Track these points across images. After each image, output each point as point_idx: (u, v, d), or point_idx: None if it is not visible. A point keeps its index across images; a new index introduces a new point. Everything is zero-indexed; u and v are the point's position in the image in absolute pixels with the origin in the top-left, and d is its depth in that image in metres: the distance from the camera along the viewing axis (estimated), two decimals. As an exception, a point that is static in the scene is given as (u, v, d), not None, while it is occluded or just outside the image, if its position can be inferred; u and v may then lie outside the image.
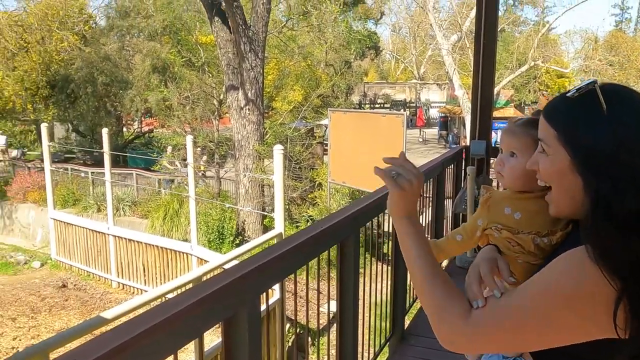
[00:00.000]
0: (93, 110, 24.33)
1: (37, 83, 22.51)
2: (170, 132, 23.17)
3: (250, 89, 11.94)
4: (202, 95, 17.00)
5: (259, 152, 12.27)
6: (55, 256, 11.63)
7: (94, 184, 17.71)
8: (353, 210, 2.95)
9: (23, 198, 18.29)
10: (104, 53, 23.82)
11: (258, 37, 11.82)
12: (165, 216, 14.89)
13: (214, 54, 19.46)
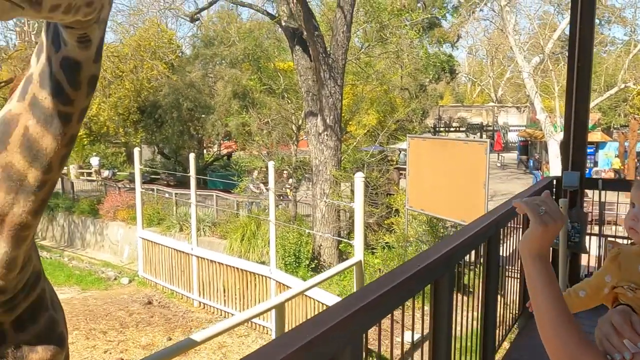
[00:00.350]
0: (177, 134, 25.69)
1: (129, 109, 24.16)
2: (248, 155, 24.01)
3: (329, 115, 12.14)
4: (280, 120, 17.49)
5: (336, 177, 12.39)
6: (142, 273, 12.28)
7: (177, 205, 18.62)
8: (448, 248, 2.90)
9: (113, 216, 19.53)
10: (189, 80, 25.20)
11: (337, 64, 12.04)
12: (243, 237, 15.32)
13: (292, 80, 20.04)
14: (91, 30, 1.60)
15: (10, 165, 1.69)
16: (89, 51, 1.65)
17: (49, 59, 1.65)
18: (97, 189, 23.62)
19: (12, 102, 1.73)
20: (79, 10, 1.42)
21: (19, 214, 1.73)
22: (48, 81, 1.65)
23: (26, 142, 1.68)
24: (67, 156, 1.81)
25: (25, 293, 1.98)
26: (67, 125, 1.70)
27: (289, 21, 12.67)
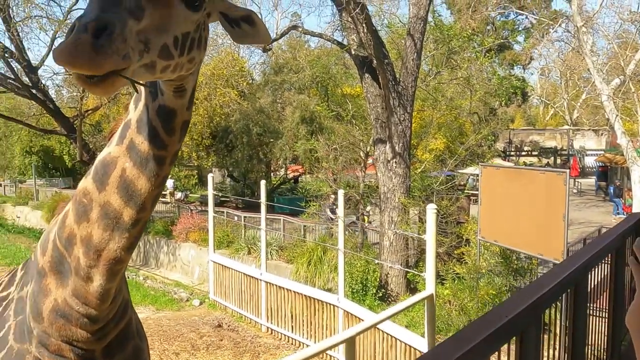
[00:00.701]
0: (247, 158, 26.43)
1: (202, 134, 25.18)
2: (315, 179, 24.24)
3: (398, 143, 12.08)
4: (348, 145, 17.59)
5: (404, 205, 12.25)
6: (212, 296, 12.60)
7: (246, 228, 19.03)
8: (535, 297, 2.76)
9: (185, 237, 20.24)
10: (258, 106, 26.00)
11: (407, 91, 12.01)
12: (310, 263, 15.38)
13: (360, 105, 20.16)
14: (187, 80, 1.71)
15: (108, 204, 1.81)
16: (183, 99, 1.77)
17: (147, 107, 1.77)
18: (170, 211, 24.63)
19: (112, 146, 1.86)
20: (183, 67, 1.54)
21: (114, 250, 1.85)
22: (145, 127, 1.77)
23: (123, 183, 1.80)
24: (159, 196, 1.92)
25: (115, 322, 2.10)
26: (160, 167, 1.80)
27: (358, 50, 12.81)
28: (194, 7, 1.46)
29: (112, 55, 1.20)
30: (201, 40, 1.58)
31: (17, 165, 38.86)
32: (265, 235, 11.15)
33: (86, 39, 1.16)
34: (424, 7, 11.87)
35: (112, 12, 1.24)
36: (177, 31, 1.44)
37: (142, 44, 1.32)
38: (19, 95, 21.75)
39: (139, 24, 1.30)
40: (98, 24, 1.19)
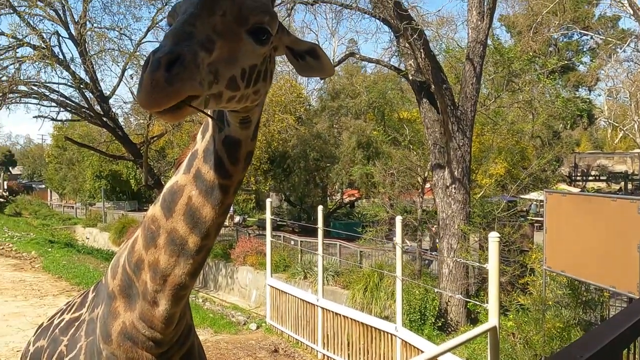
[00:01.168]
0: (304, 183, 26.70)
1: (260, 159, 25.71)
2: (371, 204, 24.08)
3: (457, 168, 11.83)
4: (405, 170, 17.41)
5: (464, 232, 11.91)
6: (269, 320, 12.63)
7: (302, 253, 19.10)
8: (612, 337, 2.58)
9: (243, 261, 20.55)
10: (315, 131, 26.30)
11: (466, 116, 11.80)
12: (366, 289, 15.19)
13: (417, 130, 19.97)
14: (253, 112, 1.75)
15: (175, 231, 1.86)
16: (248, 131, 1.80)
17: (213, 137, 1.82)
18: (229, 234, 25.13)
19: (179, 174, 1.91)
20: (248, 98, 1.58)
21: (179, 275, 1.88)
22: (211, 157, 1.81)
23: (189, 210, 1.84)
24: (222, 224, 1.95)
25: (178, 346, 2.13)
26: (225, 196, 1.84)
27: (416, 75, 12.76)
28: (261, 41, 1.51)
29: (186, 81, 1.26)
30: (267, 73, 1.62)
31: (88, 188, 41.08)
32: (322, 261, 11.12)
33: (159, 76, 1.23)
34: (483, 31, 11.70)
35: (184, 45, 1.30)
36: (245, 64, 1.49)
37: (212, 75, 1.38)
38: (91, 123, 23.11)
39: (210, 56, 1.36)
40: (170, 57, 1.25)
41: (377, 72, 28.58)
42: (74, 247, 23.03)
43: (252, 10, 1.48)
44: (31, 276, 14.20)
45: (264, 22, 1.50)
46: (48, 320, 2.72)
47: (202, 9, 1.40)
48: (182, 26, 1.36)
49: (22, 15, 19.06)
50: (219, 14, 1.43)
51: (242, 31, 1.47)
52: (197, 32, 1.36)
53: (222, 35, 1.41)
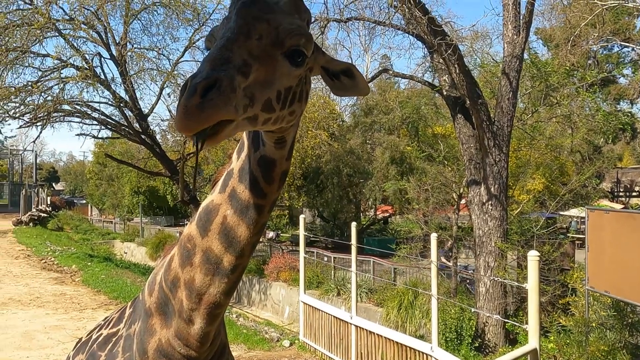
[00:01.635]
0: (337, 199, 26.66)
1: (293, 175, 25.86)
2: (405, 220, 23.85)
3: (494, 184, 11.60)
4: (439, 186, 17.19)
5: (501, 250, 11.62)
6: (302, 337, 12.55)
7: (335, 269, 19.00)
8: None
9: (276, 277, 20.60)
10: (349, 147, 26.32)
11: (503, 131, 11.59)
12: (400, 307, 14.96)
13: (451, 145, 19.73)
14: (288, 132, 1.75)
15: (210, 250, 1.86)
16: (283, 151, 1.80)
17: (249, 157, 1.83)
18: (262, 250, 25.27)
19: (215, 193, 1.93)
20: (283, 119, 1.58)
21: (214, 294, 1.89)
22: (246, 176, 1.82)
23: (224, 229, 1.85)
24: (257, 243, 1.95)
25: None
26: (259, 215, 1.84)
27: (450, 90, 12.64)
28: (296, 63, 1.52)
29: (220, 107, 1.28)
30: (302, 94, 1.62)
31: (126, 204, 42.12)
32: (355, 278, 11.02)
33: (192, 102, 1.26)
34: (519, 45, 11.52)
35: (221, 70, 1.32)
36: (281, 86, 1.50)
37: (248, 99, 1.39)
38: (130, 140, 23.78)
39: (246, 80, 1.38)
40: (208, 83, 1.28)
41: (410, 87, 28.51)
42: (113, 262, 23.57)
43: (289, 33, 1.49)
44: (71, 289, 14.58)
45: (300, 45, 1.51)
46: (87, 335, 2.78)
47: (239, 33, 1.42)
48: (219, 51, 1.38)
49: (66, 38, 19.88)
50: (256, 37, 1.44)
51: (278, 54, 1.49)
52: (233, 57, 1.37)
53: (258, 58, 1.42)
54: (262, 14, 1.48)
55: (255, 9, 1.48)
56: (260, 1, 1.51)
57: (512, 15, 11.47)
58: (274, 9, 1.52)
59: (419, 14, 10.63)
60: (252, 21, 1.46)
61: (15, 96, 19.95)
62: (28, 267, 17.58)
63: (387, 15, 12.91)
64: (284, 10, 1.54)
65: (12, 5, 19.07)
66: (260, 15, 1.47)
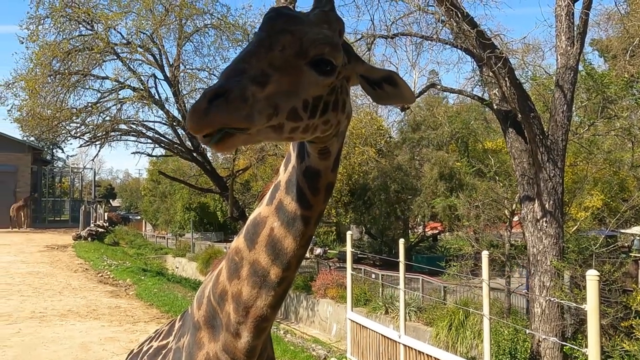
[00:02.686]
0: (384, 215, 26.42)
1: (340, 191, 25.87)
2: (455, 237, 23.30)
3: (548, 200, 11.16)
4: (491, 203, 16.73)
5: (557, 269, 11.13)
6: (350, 356, 12.40)
7: (383, 287, 18.76)
8: None
9: (324, 293, 20.53)
10: (396, 163, 26.12)
11: (557, 146, 11.17)
12: (450, 327, 14.57)
13: (503, 160, 19.20)
14: (331, 143, 1.74)
15: (257, 262, 1.87)
16: (328, 162, 1.79)
17: (294, 168, 1.83)
18: (310, 266, 25.30)
19: (262, 206, 1.93)
20: (316, 129, 1.57)
21: (261, 307, 1.88)
22: (292, 188, 1.82)
23: (271, 241, 1.85)
24: (303, 256, 1.93)
25: None
26: (306, 227, 1.83)
27: (501, 104, 12.34)
28: (324, 72, 1.52)
29: (223, 114, 1.30)
30: (337, 103, 1.61)
31: (178, 220, 43.29)
32: (404, 296, 10.83)
33: (201, 104, 1.30)
34: (573, 57, 11.14)
35: (234, 80, 1.35)
36: (308, 95, 1.50)
37: (272, 108, 1.40)
38: (182, 158, 24.52)
39: (263, 89, 1.39)
40: (217, 91, 1.31)
41: (459, 102, 28.08)
42: (165, 276, 24.20)
43: (312, 43, 1.50)
44: (125, 303, 15.04)
45: (324, 54, 1.51)
46: (138, 346, 2.84)
47: (260, 46, 1.45)
48: (235, 64, 1.41)
49: (124, 61, 20.87)
50: (278, 49, 1.46)
51: (302, 64, 1.49)
52: (249, 68, 1.40)
53: (279, 69, 1.44)
54: (286, 26, 1.50)
55: (280, 23, 1.51)
56: (285, 15, 1.54)
57: (565, 26, 11.13)
58: (302, 21, 1.54)
59: (467, 28, 10.49)
60: (275, 34, 1.48)
61: (77, 117, 21.05)
62: (86, 280, 18.30)
63: (434, 30, 12.82)
64: (312, 22, 1.56)
65: (75, 31, 20.20)
66: (285, 28, 1.50)
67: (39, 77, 19.32)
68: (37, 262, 21.62)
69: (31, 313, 12.95)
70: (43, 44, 19.42)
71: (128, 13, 20.22)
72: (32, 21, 19.30)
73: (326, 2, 1.68)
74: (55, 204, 52.03)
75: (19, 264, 20.65)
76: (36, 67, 19.52)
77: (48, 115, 20.17)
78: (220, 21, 21.53)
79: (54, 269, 20.23)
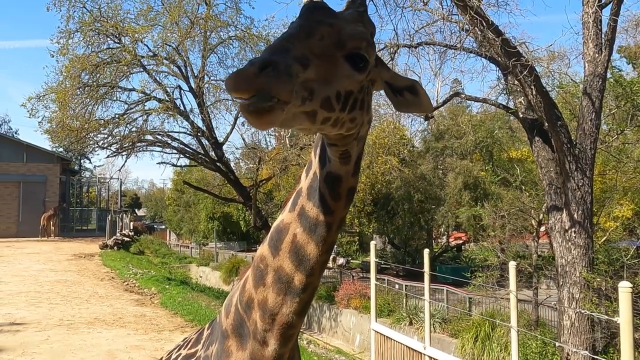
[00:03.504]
0: (408, 225, 26.21)
1: (363, 201, 25.77)
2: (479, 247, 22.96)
3: (577, 210, 10.93)
4: (517, 213, 16.45)
5: (587, 281, 10.86)
6: (374, 367, 12.31)
7: (407, 297, 18.56)
8: None
9: (347, 304, 20.40)
10: (420, 173, 25.91)
11: (585, 154, 10.95)
12: (476, 339, 14.31)
13: (529, 170, 18.91)
14: (351, 146, 1.75)
15: (281, 269, 1.88)
16: (348, 166, 1.81)
17: (315, 175, 1.85)
18: (333, 276, 25.20)
19: (285, 212, 1.95)
20: (343, 124, 1.59)
21: (287, 314, 1.88)
22: (314, 194, 1.84)
23: (294, 248, 1.86)
24: (326, 263, 1.94)
25: None
26: (328, 233, 1.84)
27: (526, 112, 12.18)
28: (358, 68, 1.56)
29: (273, 80, 1.31)
30: (364, 103, 1.64)
31: (202, 229, 43.67)
32: (428, 306, 10.70)
33: (251, 69, 1.30)
34: (601, 64, 10.94)
35: (280, 56, 1.38)
36: (340, 87, 1.53)
37: (307, 92, 1.42)
38: (206, 168, 24.79)
39: (304, 71, 1.41)
40: (265, 62, 1.32)
41: (483, 111, 27.79)
42: (189, 285, 24.40)
43: (350, 36, 1.54)
44: (150, 311, 15.20)
45: (361, 48, 1.56)
46: (166, 355, 2.86)
47: (301, 31, 1.49)
48: (280, 42, 1.44)
49: (150, 73, 21.27)
50: (317, 38, 1.50)
51: (339, 55, 1.53)
52: (293, 48, 1.42)
53: (318, 56, 1.47)
54: (324, 18, 1.55)
55: (318, 14, 1.55)
56: (323, 8, 1.59)
57: (592, 33, 10.95)
58: (338, 17, 1.59)
59: (492, 36, 10.40)
60: (315, 24, 1.52)
61: (104, 128, 21.49)
62: (112, 289, 18.57)
63: (458, 38, 12.74)
64: (347, 19, 1.62)
65: (103, 44, 20.70)
66: (323, 20, 1.54)
67: (68, 89, 19.81)
68: (65, 270, 22.05)
69: (59, 320, 13.19)
70: (73, 57, 19.94)
71: (154, 26, 20.65)
72: (63, 35, 19.87)
73: (360, 4, 1.74)
74: (82, 213, 53.10)
75: (48, 272, 21.08)
76: (66, 79, 20.03)
77: (77, 126, 20.64)
78: (244, 33, 21.81)
79: (81, 277, 20.61)
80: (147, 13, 20.52)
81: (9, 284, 18.06)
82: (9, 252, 27.56)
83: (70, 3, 19.68)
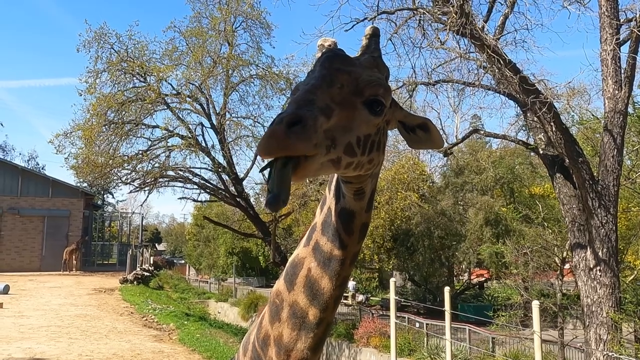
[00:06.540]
0: (428, 262, 25.85)
1: (383, 237, 25.56)
2: (502, 285, 22.44)
3: (601, 248, 10.69)
4: (540, 250, 16.13)
5: (615, 321, 10.52)
6: (394, 408, 12.01)
7: (428, 336, 18.12)
8: None
9: (366, 342, 19.97)
10: (440, 208, 25.70)
11: (608, 191, 10.78)
12: (501, 381, 13.86)
13: (551, 206, 18.62)
14: (365, 183, 1.81)
15: (296, 304, 1.89)
16: (362, 202, 1.85)
17: (329, 210, 1.89)
18: (352, 313, 24.80)
19: (300, 247, 1.98)
20: (363, 166, 1.65)
21: (302, 350, 1.89)
22: (328, 229, 1.88)
23: (308, 282, 1.88)
24: (340, 297, 1.95)
25: None
26: (341, 267, 1.86)
27: (547, 149, 12.11)
28: (375, 112, 1.64)
29: (302, 140, 1.38)
30: (380, 144, 1.71)
31: (221, 264, 43.64)
32: (450, 346, 10.46)
33: (279, 128, 1.37)
34: (622, 100, 10.88)
35: (305, 109, 1.45)
36: (360, 132, 1.60)
37: (330, 141, 1.49)
38: (226, 203, 25.00)
39: (328, 121, 1.49)
40: (293, 118, 1.39)
41: (503, 147, 27.65)
42: (207, 321, 24.25)
43: (368, 84, 1.62)
44: (169, 347, 15.12)
45: (379, 94, 1.64)
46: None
47: (322, 81, 1.57)
48: (304, 94, 1.52)
49: (173, 110, 21.82)
50: (337, 86, 1.58)
51: (358, 102, 1.60)
52: (317, 100, 1.50)
53: (339, 104, 1.54)
54: (343, 66, 1.63)
55: (337, 63, 1.64)
56: (341, 56, 1.68)
57: (611, 70, 10.94)
58: (355, 63, 1.68)
59: (509, 74, 10.48)
60: (334, 72, 1.61)
61: (128, 164, 21.95)
62: (131, 324, 18.56)
63: (476, 76, 12.85)
64: (363, 65, 1.70)
65: (129, 83, 21.38)
66: (342, 68, 1.63)
67: (94, 126, 20.37)
68: (86, 304, 22.16)
69: (78, 356, 13.20)
70: (100, 95, 20.59)
71: (179, 65, 21.30)
72: (91, 75, 20.59)
73: (374, 49, 1.82)
74: (104, 247, 53.64)
75: (69, 307, 21.22)
76: (92, 117, 20.63)
77: (101, 162, 21.12)
78: (265, 71, 22.32)
79: (101, 312, 20.68)
80: (171, 53, 21.21)
81: (30, 317, 18.21)
82: (31, 286, 27.88)
83: (99, 44, 20.49)
